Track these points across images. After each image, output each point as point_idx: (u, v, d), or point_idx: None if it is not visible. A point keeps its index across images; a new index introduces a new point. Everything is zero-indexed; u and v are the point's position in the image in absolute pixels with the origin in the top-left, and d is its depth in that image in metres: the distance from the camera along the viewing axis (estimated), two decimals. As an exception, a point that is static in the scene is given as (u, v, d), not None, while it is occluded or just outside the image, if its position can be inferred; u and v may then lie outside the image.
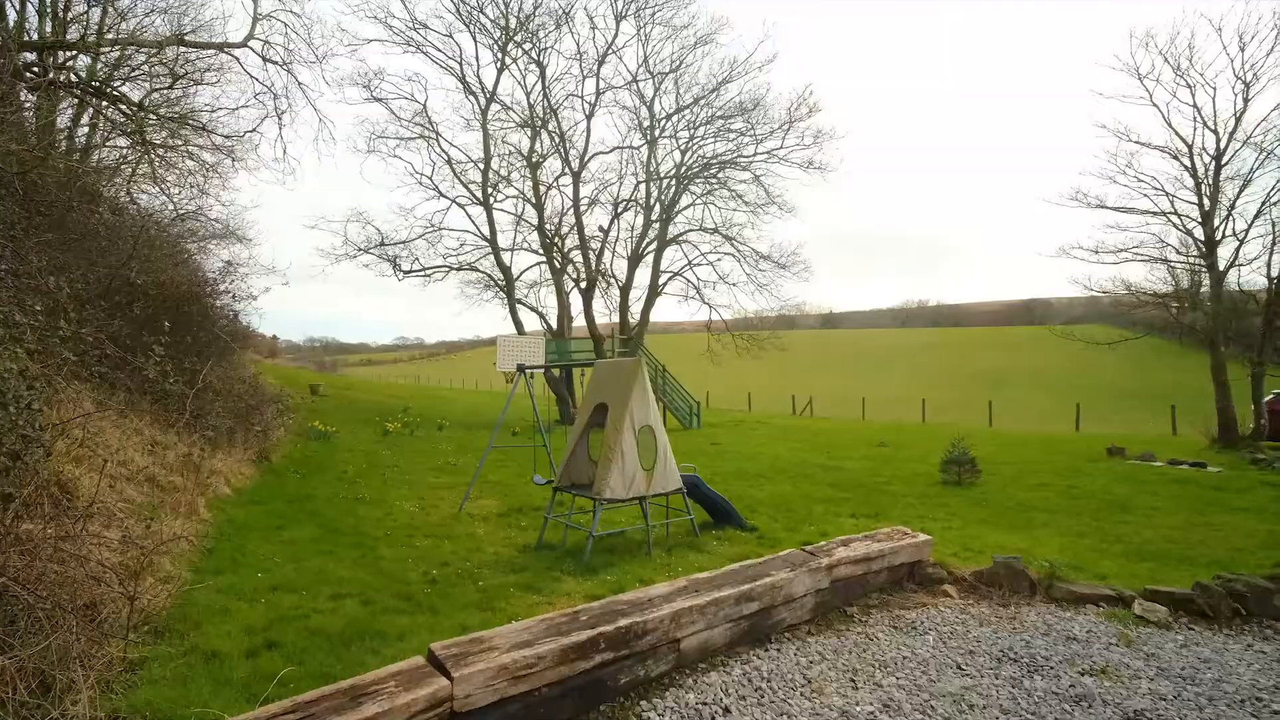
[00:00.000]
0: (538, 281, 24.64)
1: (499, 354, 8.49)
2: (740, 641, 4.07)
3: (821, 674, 3.73)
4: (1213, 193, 14.90)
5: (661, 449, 6.10)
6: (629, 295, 23.55)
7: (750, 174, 22.69)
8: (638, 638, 3.48)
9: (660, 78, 22.10)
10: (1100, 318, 41.70)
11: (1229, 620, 4.60)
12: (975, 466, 9.94)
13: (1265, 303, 15.09)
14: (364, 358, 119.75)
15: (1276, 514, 7.92)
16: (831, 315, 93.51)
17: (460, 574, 5.26)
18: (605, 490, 5.66)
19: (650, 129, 22.66)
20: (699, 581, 4.18)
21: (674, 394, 21.65)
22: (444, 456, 12.19)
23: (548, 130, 22.02)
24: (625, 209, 23.21)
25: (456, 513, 7.54)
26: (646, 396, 6.08)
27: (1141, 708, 3.40)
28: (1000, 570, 5.19)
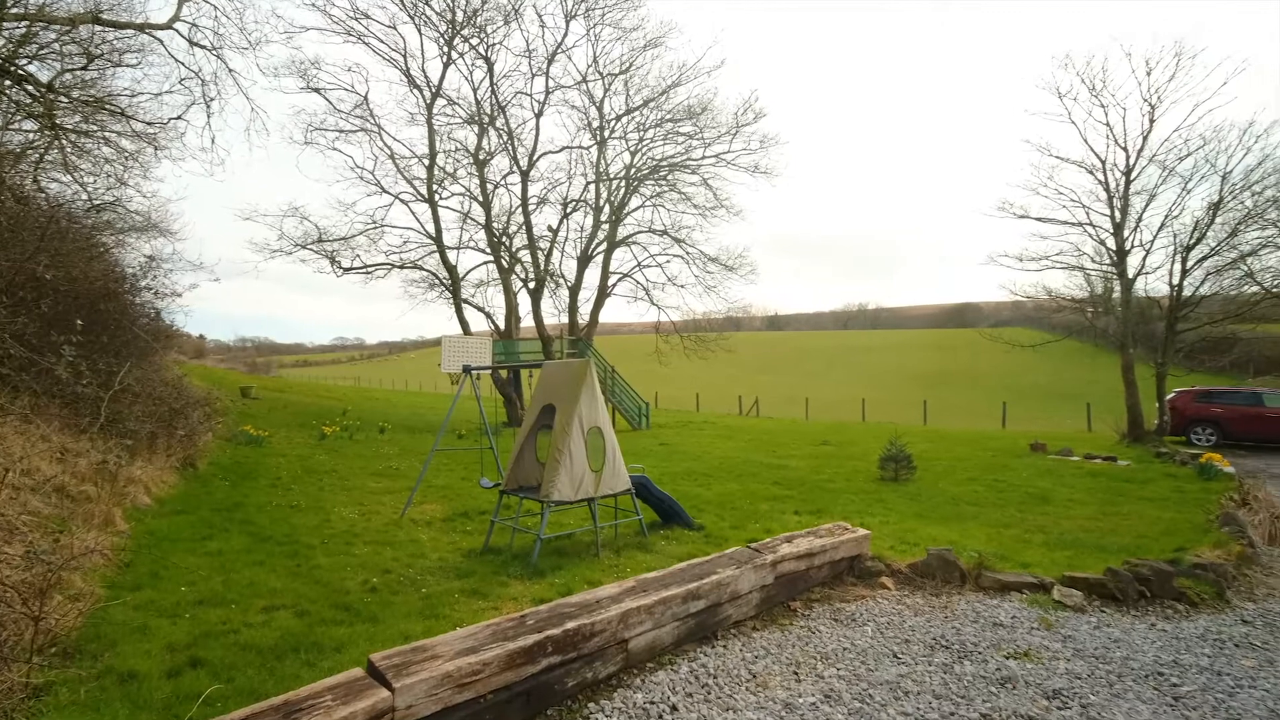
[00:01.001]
0: (485, 281, 24.21)
1: (444, 354, 8.30)
2: (688, 639, 4.11)
3: (766, 668, 3.82)
4: (1123, 206, 16.06)
5: (610, 450, 6.10)
6: (578, 296, 23.46)
7: (699, 177, 23.01)
8: (585, 640, 3.46)
9: (610, 79, 22.12)
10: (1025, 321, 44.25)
11: (1136, 602, 4.97)
12: (911, 463, 10.38)
13: (1168, 308, 16.38)
14: (300, 358, 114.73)
15: (1176, 503, 8.59)
16: (777, 317, 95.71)
17: (402, 581, 5.11)
18: (553, 492, 5.61)
19: (600, 130, 22.65)
20: (647, 581, 4.20)
21: (623, 395, 21.69)
22: (385, 461, 11.82)
23: (495, 127, 21.69)
24: (574, 209, 23.11)
25: (399, 518, 7.32)
26: (595, 397, 6.07)
27: (1059, 687, 3.63)
28: (933, 562, 5.43)
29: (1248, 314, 17.94)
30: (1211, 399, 15.99)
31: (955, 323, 77.55)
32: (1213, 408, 15.72)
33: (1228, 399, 15.89)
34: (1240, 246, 16.15)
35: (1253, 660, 4.06)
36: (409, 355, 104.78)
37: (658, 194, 23.75)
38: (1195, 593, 5.05)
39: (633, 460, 10.46)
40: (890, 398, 36.58)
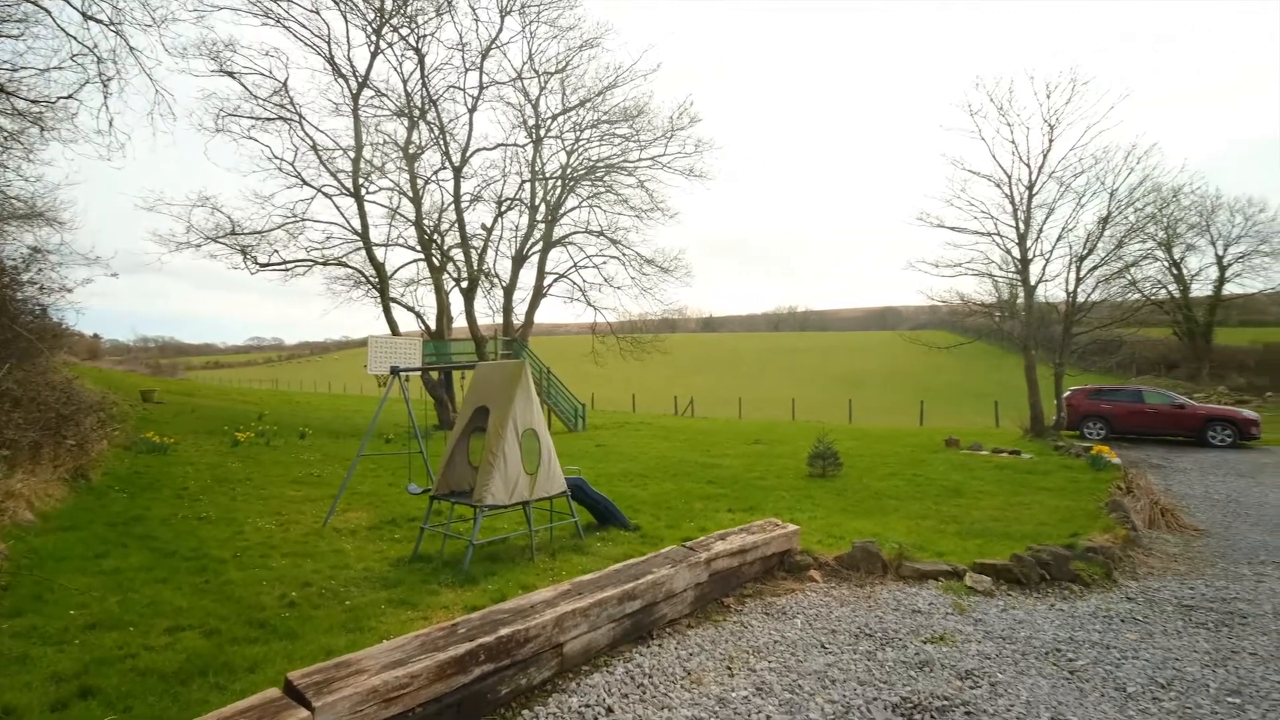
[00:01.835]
0: (415, 280, 23.40)
1: (370, 355, 7.97)
2: (623, 640, 4.11)
3: (700, 665, 3.87)
4: (1026, 218, 17.33)
5: (545, 452, 6.03)
6: (513, 296, 23.08)
7: (635, 179, 23.13)
8: (519, 646, 3.40)
9: (546, 77, 21.89)
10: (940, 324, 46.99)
11: (1038, 585, 5.37)
12: (837, 460, 10.81)
13: (1064, 313, 17.81)
14: (211, 360, 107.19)
15: (1072, 493, 9.35)
16: (712, 319, 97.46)
17: (324, 594, 4.87)
18: (487, 496, 5.49)
19: (536, 128, 22.37)
20: (582, 584, 4.17)
21: (559, 396, 21.50)
22: (306, 467, 11.21)
23: (426, 121, 21.01)
24: (509, 208, 22.71)
25: (320, 528, 6.96)
26: (530, 399, 5.98)
27: (971, 667, 3.87)
28: (858, 554, 5.68)
29: (1131, 319, 19.81)
30: (1101, 396, 17.52)
31: (877, 325, 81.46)
32: (1102, 404, 17.21)
33: (1115, 396, 17.45)
34: (1125, 257, 17.80)
35: (1135, 633, 4.46)
36: (333, 356, 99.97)
37: (594, 195, 23.72)
38: (1088, 574, 5.51)
39: (569, 462, 10.38)
40: (818, 397, 37.98)
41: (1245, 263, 38.74)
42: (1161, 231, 26.79)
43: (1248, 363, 37.66)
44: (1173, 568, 6.08)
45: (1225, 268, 39.16)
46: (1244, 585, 5.57)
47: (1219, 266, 39.25)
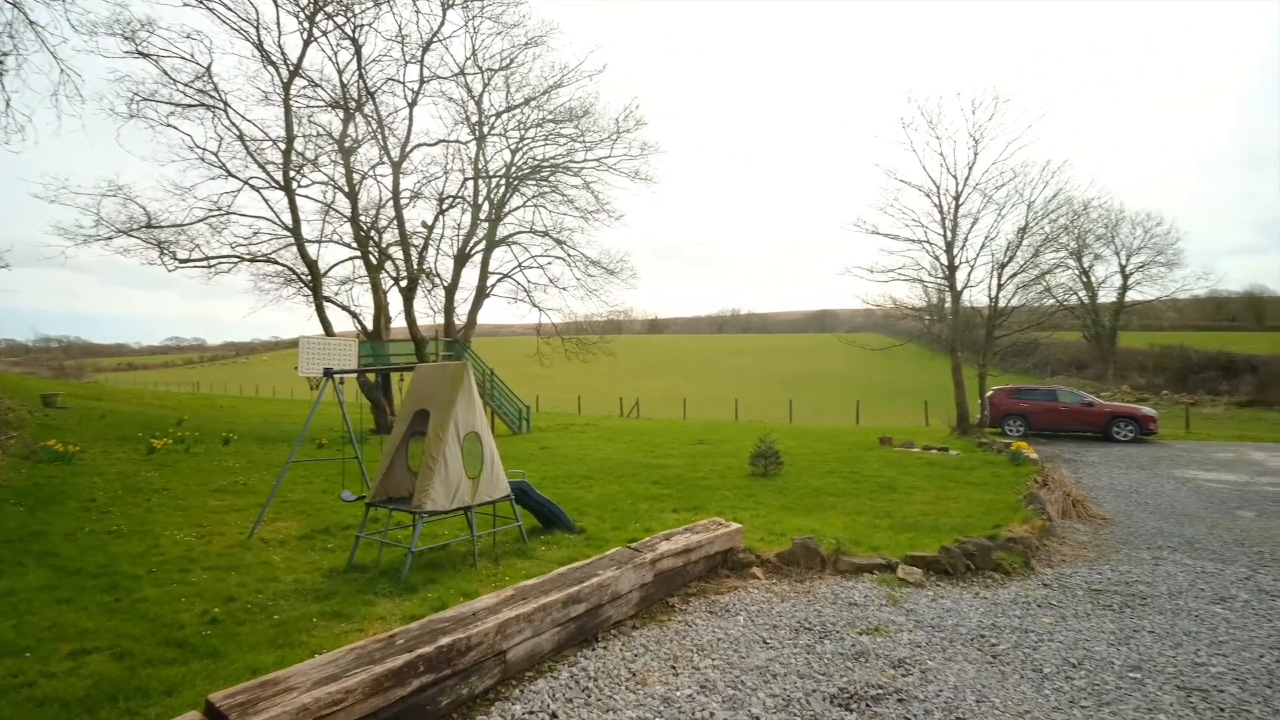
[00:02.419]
0: (351, 278, 22.49)
1: (301, 357, 7.61)
2: (568, 644, 4.08)
3: (645, 665, 3.88)
4: (953, 226, 18.27)
5: (488, 455, 5.91)
6: (454, 296, 22.52)
7: (581, 179, 23.00)
8: (461, 655, 3.32)
9: (490, 74, 21.49)
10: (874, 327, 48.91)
11: (964, 574, 5.66)
12: (778, 459, 11.08)
13: (987, 317, 18.88)
14: (123, 361, 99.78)
15: (994, 486, 9.91)
16: (657, 321, 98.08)
17: (250, 609, 4.61)
18: (427, 502, 5.33)
19: (479, 125, 21.92)
20: (526, 589, 4.12)
21: (502, 398, 21.15)
22: (230, 475, 10.60)
23: (364, 114, 20.25)
24: (451, 205, 22.17)
25: (246, 539, 6.59)
26: (472, 401, 5.85)
27: (903, 656, 4.04)
28: (798, 550, 5.83)
29: (1046, 323, 21.20)
30: (1020, 395, 18.66)
31: (816, 327, 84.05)
32: (1021, 403, 18.33)
33: (1032, 395, 18.63)
34: (1041, 265, 19.05)
35: (1050, 617, 4.77)
36: (261, 358, 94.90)
37: (539, 194, 23.45)
38: (1008, 563, 5.85)
39: (513, 465, 10.22)
40: (760, 397, 38.83)
41: (1144, 272, 42.27)
42: (1073, 242, 28.86)
43: (1146, 364, 40.99)
44: (1083, 555, 6.54)
45: (1128, 276, 42.57)
46: (1144, 569, 6.05)
47: (1122, 275, 42.62)
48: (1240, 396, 33.48)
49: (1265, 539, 7.22)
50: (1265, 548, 6.84)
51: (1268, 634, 4.49)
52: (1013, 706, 3.44)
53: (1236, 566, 6.14)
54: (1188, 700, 3.54)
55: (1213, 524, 7.97)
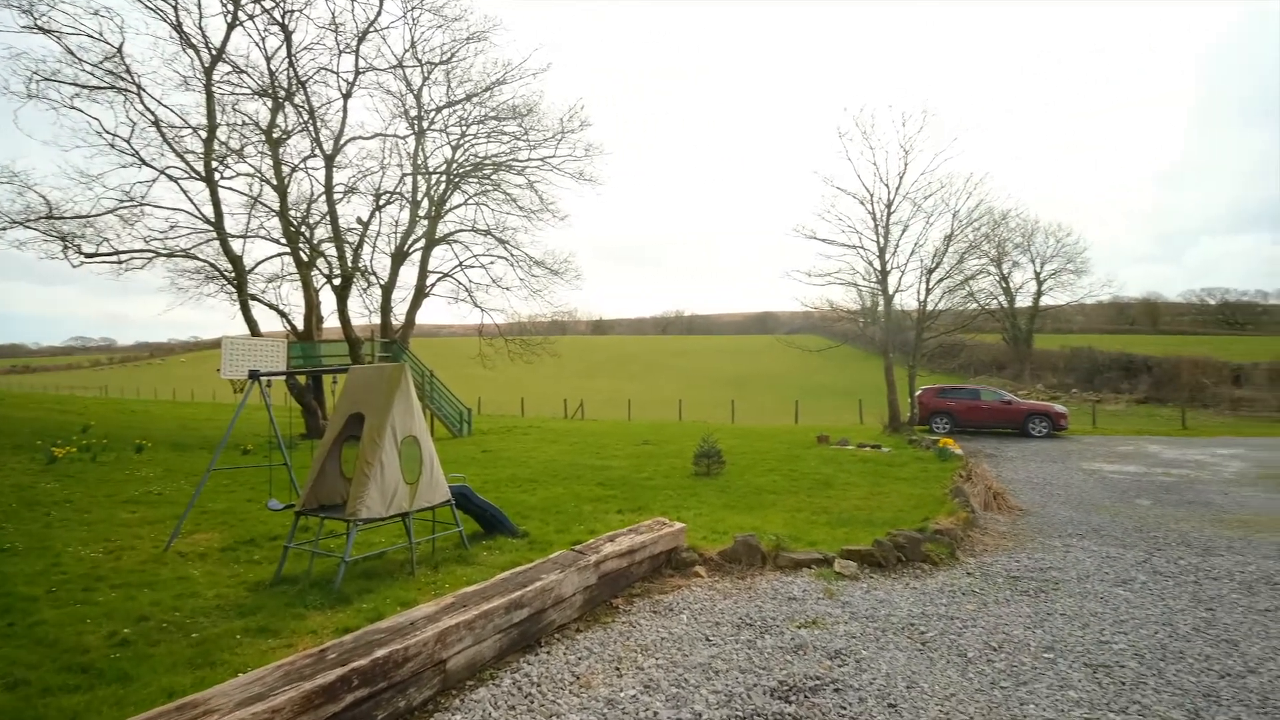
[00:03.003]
0: (279, 275, 21.39)
1: (224, 358, 7.19)
2: (511, 650, 4.02)
3: (589, 668, 3.87)
4: (885, 233, 19.08)
5: (427, 459, 5.75)
6: (392, 295, 21.78)
7: (524, 179, 22.68)
8: (398, 667, 3.22)
9: (430, 67, 20.90)
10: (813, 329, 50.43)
11: (895, 566, 5.91)
12: (721, 458, 11.26)
13: (917, 320, 19.79)
14: (19, 363, 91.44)
15: (923, 481, 10.39)
16: (601, 322, 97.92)
17: (166, 628, 4.32)
18: (362, 509, 5.14)
19: (418, 120, 21.29)
20: (467, 596, 4.03)
21: (442, 401, 20.61)
22: (143, 485, 9.90)
23: (294, 104, 19.32)
24: (389, 202, 21.43)
25: (161, 553, 6.17)
26: (410, 404, 5.68)
27: (840, 647, 4.18)
28: (740, 548, 5.95)
29: (970, 325, 22.42)
30: (946, 395, 19.67)
31: (758, 329, 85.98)
32: (947, 401, 19.33)
33: (957, 394, 19.67)
34: (965, 271, 20.15)
35: (973, 604, 5.05)
36: (179, 359, 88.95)
37: (481, 192, 22.98)
38: (936, 554, 6.15)
39: (453, 469, 9.97)
40: (703, 398, 39.36)
41: (1056, 279, 45.35)
42: (993, 249, 30.65)
43: (1058, 364, 44.00)
44: (1003, 544, 6.95)
45: (1042, 283, 45.54)
46: (1056, 556, 6.49)
47: (1037, 281, 45.58)
48: (1139, 394, 36.42)
49: (1160, 525, 7.87)
50: (1159, 533, 7.47)
51: (1161, 612, 4.89)
52: (940, 690, 3.61)
53: (1136, 551, 6.67)
54: (1094, 676, 3.82)
55: (1115, 512, 8.63)
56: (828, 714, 3.34)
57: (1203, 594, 5.31)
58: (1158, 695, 3.59)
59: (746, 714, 3.33)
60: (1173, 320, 60.15)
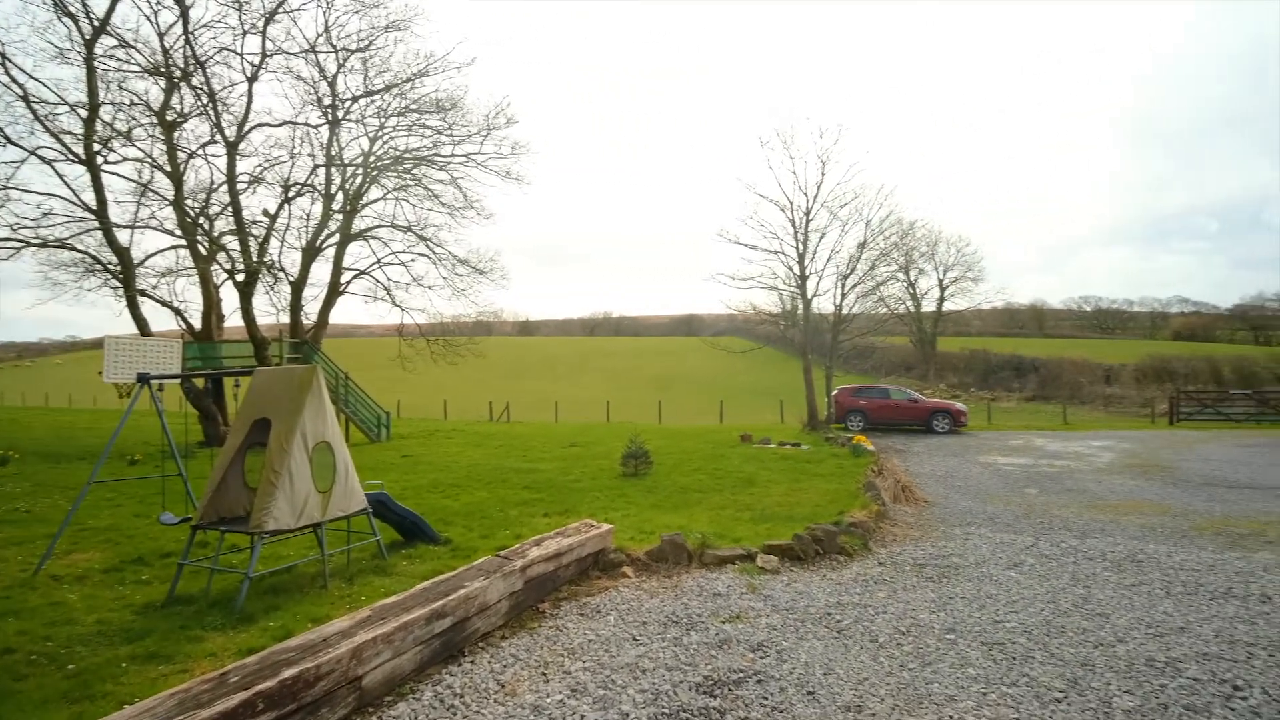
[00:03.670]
0: (174, 269, 19.72)
1: (107, 360, 6.55)
2: (433, 662, 3.89)
3: (515, 675, 3.80)
4: (804, 239, 19.88)
5: (341, 466, 5.47)
6: (303, 293, 20.55)
7: (447, 175, 21.99)
8: (308, 686, 3.04)
9: (346, 54, 19.87)
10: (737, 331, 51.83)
11: (813, 559, 6.17)
12: (648, 459, 11.36)
13: (833, 323, 20.75)
14: None
15: (839, 477, 10.90)
16: (528, 323, 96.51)
17: (35, 660, 3.88)
18: (268, 520, 4.82)
19: (332, 108, 20.18)
20: (385, 608, 3.86)
21: (358, 404, 19.66)
22: (9, 502, 8.85)
23: (191, 85, 17.86)
24: (299, 194, 20.19)
25: (30, 576, 5.55)
26: (323, 408, 5.39)
27: (762, 639, 4.32)
28: (666, 547, 6.02)
29: (881, 328, 23.73)
30: (859, 394, 20.74)
31: (684, 331, 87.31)
32: (860, 401, 20.38)
33: (869, 394, 20.79)
34: (877, 277, 21.32)
35: (884, 592, 5.35)
36: (53, 360, 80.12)
37: (402, 187, 22.08)
38: (850, 546, 6.47)
39: (370, 476, 9.52)
40: (631, 399, 39.58)
41: (957, 286, 48.86)
42: (902, 257, 32.67)
43: (959, 365, 47.44)
44: (910, 534, 7.40)
45: (944, 289, 48.93)
46: (957, 543, 6.97)
47: (940, 287, 48.96)
48: (1027, 392, 39.81)
49: (1045, 511, 8.63)
50: (1045, 519, 8.18)
51: (1046, 591, 5.37)
52: (854, 675, 3.81)
53: (1025, 536, 7.28)
54: (989, 653, 4.14)
55: (1008, 501, 9.39)
56: (750, 705, 3.44)
57: (1080, 573, 5.86)
58: (1043, 667, 3.94)
59: (672, 711, 3.38)
60: (1056, 325, 66.17)
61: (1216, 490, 10.18)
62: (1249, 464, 12.99)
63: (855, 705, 3.46)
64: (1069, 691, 3.63)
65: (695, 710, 3.38)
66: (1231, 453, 14.77)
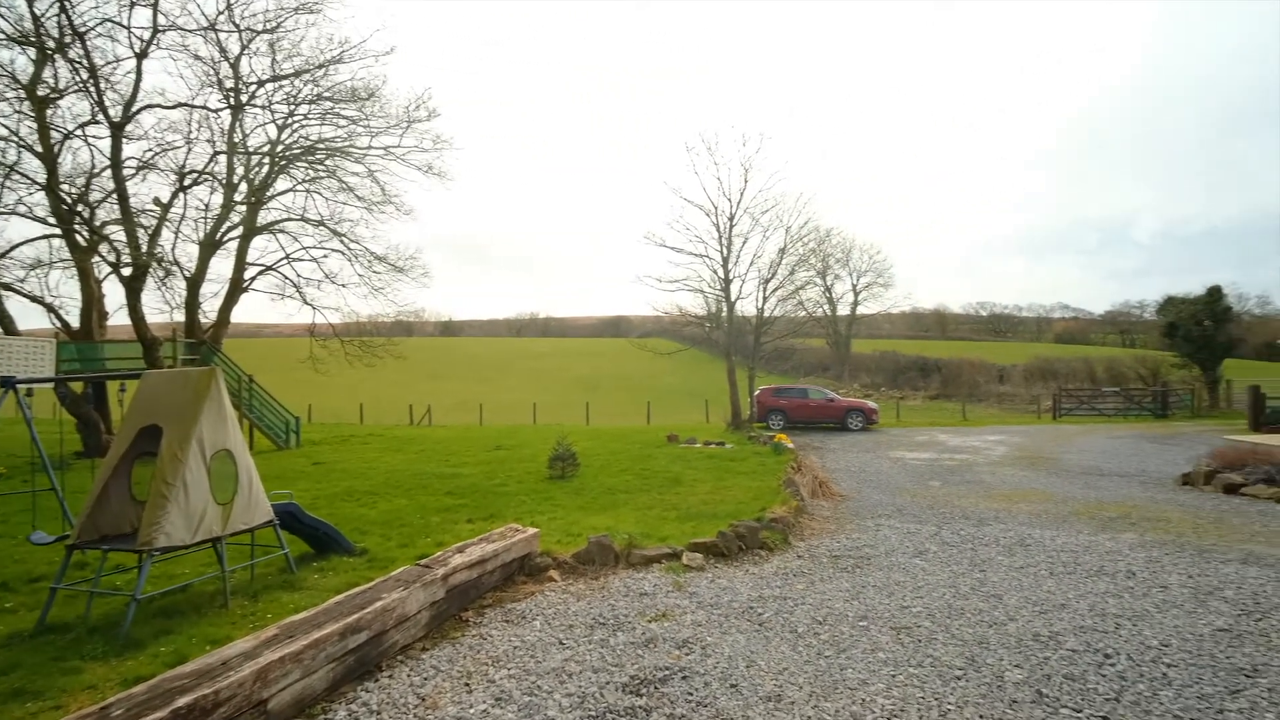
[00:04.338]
0: (47, 262, 17.71)
1: (-38, 363, 5.81)
2: (347, 679, 3.70)
3: (436, 687, 3.68)
4: (728, 244, 20.39)
5: (245, 476, 5.11)
6: (200, 289, 19.02)
7: (364, 167, 20.97)
8: (205, 715, 2.82)
9: (251, 35, 18.54)
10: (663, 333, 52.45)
11: (737, 555, 6.33)
12: (576, 461, 11.30)
13: (755, 326, 21.40)
14: None
15: (761, 474, 11.25)
16: (451, 323, 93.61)
17: None
18: (159, 537, 4.43)
19: (235, 92, 18.79)
20: (294, 625, 3.64)
21: (264, 409, 18.42)
22: None
23: (68, 58, 16.12)
24: (196, 182, 18.65)
25: None
26: (223, 414, 5.02)
27: (687, 636, 4.39)
28: (593, 549, 6.01)
29: (800, 331, 24.69)
30: (780, 394, 21.54)
31: (611, 332, 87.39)
32: (781, 400, 21.16)
33: (789, 394, 21.62)
34: (796, 282, 22.15)
35: (803, 584, 5.57)
36: (-110, 362, 69.95)
37: (314, 179, 20.84)
38: (771, 541, 6.69)
39: (278, 485, 8.95)
40: (558, 400, 39.22)
41: (869, 291, 51.70)
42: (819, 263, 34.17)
43: (871, 365, 50.19)
44: (826, 527, 7.75)
45: (858, 293, 51.65)
46: (869, 535, 7.37)
47: (854, 292, 51.68)
48: (931, 391, 42.65)
49: (947, 502, 9.27)
50: (946, 509, 8.79)
51: (948, 577, 5.76)
52: (774, 666, 3.94)
53: (929, 525, 7.79)
54: (898, 638, 4.39)
55: (914, 493, 10.01)
56: (675, 702, 3.49)
57: (977, 558, 6.34)
58: (945, 648, 4.23)
59: (599, 713, 3.37)
60: (956, 328, 71.26)
61: (1091, 478, 11.29)
62: (1117, 454, 14.48)
63: (775, 695, 3.58)
64: (967, 669, 3.92)
65: (621, 710, 3.39)
66: (1103, 444, 16.42)
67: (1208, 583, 5.55)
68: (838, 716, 3.36)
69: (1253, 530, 7.47)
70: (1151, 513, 8.43)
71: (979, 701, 3.52)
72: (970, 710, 3.42)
